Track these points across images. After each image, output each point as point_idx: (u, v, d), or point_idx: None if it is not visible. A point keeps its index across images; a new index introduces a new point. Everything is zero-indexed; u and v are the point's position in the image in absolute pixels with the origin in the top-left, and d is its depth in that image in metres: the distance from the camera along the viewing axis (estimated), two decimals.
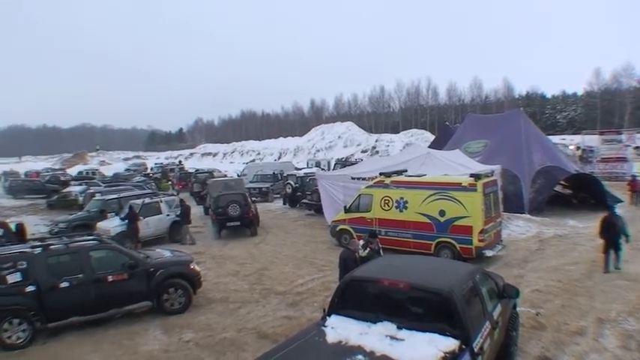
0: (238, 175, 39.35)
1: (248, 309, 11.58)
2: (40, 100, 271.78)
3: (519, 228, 19.62)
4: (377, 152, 67.73)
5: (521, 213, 21.80)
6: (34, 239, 13.44)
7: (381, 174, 17.28)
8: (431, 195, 15.45)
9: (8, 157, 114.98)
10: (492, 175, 16.48)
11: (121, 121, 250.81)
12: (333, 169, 41.25)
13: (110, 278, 10.91)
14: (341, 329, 6.34)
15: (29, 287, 10.27)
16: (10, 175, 54.92)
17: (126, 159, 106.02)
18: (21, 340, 10.15)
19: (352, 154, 66.16)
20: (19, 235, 17.05)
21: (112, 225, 19.27)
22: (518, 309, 8.96)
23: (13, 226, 17.53)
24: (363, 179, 19.68)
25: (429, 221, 15.41)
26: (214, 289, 13.09)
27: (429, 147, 29.98)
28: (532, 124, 30.13)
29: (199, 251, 17.41)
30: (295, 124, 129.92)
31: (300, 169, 40.23)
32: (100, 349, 9.84)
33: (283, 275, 14.36)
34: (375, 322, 6.35)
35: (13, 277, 10.27)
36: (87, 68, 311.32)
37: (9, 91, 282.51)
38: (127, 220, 18.84)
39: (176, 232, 20.30)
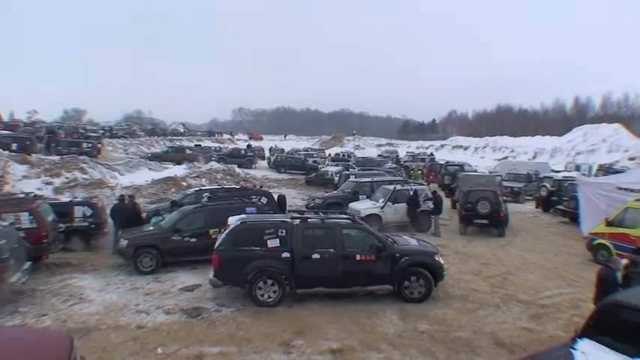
0: (490, 172, 38.28)
1: (487, 312, 11.18)
2: (307, 86, 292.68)
3: None
4: None
5: None
6: (293, 211, 14.56)
7: None
8: None
9: (275, 135, 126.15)
10: None
11: (377, 109, 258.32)
12: (594, 176, 38.03)
13: (358, 257, 11.38)
14: (592, 357, 5.80)
15: (285, 253, 11.20)
16: (276, 151, 60.38)
17: (379, 145, 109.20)
18: (271, 300, 11.14)
19: (617, 161, 59.93)
20: (280, 205, 18.64)
21: (363, 206, 20.15)
22: None
23: (275, 197, 19.24)
24: (632, 191, 17.65)
25: None
26: (454, 285, 12.90)
27: None
28: None
29: (443, 244, 17.27)
30: (555, 122, 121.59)
31: (558, 172, 37.83)
32: (339, 322, 10.31)
33: (528, 284, 13.56)
34: (632, 356, 5.67)
35: (273, 243, 11.28)
36: (350, 58, 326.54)
37: (281, 78, 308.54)
38: (406, 204, 19.98)
39: (422, 221, 20.43)
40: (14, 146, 31.85)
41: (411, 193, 20.46)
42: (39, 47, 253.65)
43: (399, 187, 21.19)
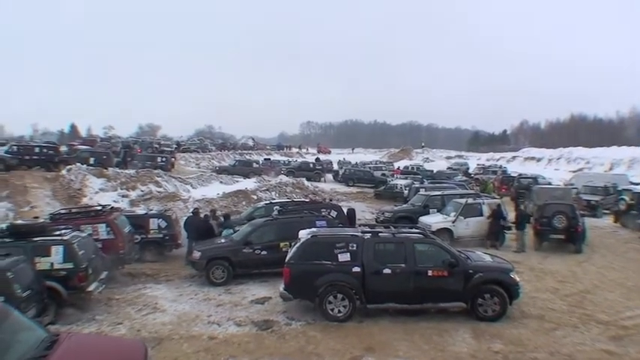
0: (565, 185, 37.06)
1: (564, 332, 10.70)
2: (374, 99, 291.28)
3: None
4: None
5: None
6: (363, 224, 14.50)
7: None
8: None
9: (342, 148, 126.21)
10: None
11: (445, 120, 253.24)
12: None
13: (430, 272, 11.19)
14: None
15: (355, 268, 11.15)
16: (345, 164, 60.58)
17: (448, 157, 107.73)
18: (341, 314, 11.07)
19: None
20: (350, 218, 18.60)
21: (434, 220, 19.89)
22: None
23: (345, 210, 19.22)
24: None
25: None
26: (530, 304, 12.43)
27: None
28: None
29: (517, 260, 16.65)
30: (632, 131, 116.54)
31: (637, 184, 36.17)
32: (410, 339, 10.14)
33: (608, 303, 12.90)
34: None
35: (344, 257, 11.26)
36: (417, 69, 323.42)
37: (348, 90, 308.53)
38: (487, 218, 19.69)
39: (495, 236, 19.89)
40: (92, 160, 33.14)
41: (495, 206, 19.99)
42: (115, 65, 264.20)
43: (470, 200, 20.78)
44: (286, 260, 11.48)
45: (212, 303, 12.59)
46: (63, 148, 40.05)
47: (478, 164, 72.44)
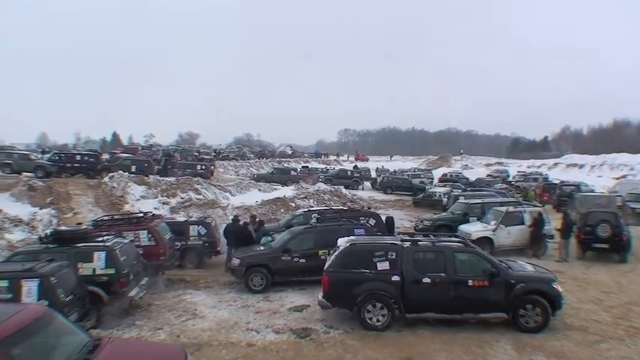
0: (609, 192, 36.21)
1: (609, 345, 10.40)
2: (412, 106, 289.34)
3: None
4: None
5: None
6: (402, 233, 14.38)
7: None
8: None
9: (380, 156, 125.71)
10: None
11: (484, 127, 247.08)
12: None
13: (470, 282, 11.03)
14: None
15: (394, 277, 11.06)
16: (383, 172, 60.35)
17: (488, 164, 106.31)
18: (380, 324, 11.00)
19: None
20: (388, 227, 18.47)
21: (474, 229, 19.61)
22: None
23: (383, 218, 19.11)
24: None
25: None
26: (573, 315, 12.12)
27: None
28: None
29: (559, 270, 16.27)
30: None
31: None
32: (449, 350, 10.01)
33: None
34: None
35: (383, 265, 11.19)
36: (455, 75, 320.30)
37: (387, 99, 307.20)
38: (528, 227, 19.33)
39: (537, 245, 19.51)
40: (133, 168, 33.67)
41: (536, 214, 19.62)
42: (156, 75, 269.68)
43: (511, 208, 20.41)
44: (325, 268, 11.48)
45: (251, 310, 12.64)
46: (105, 156, 40.85)
47: (519, 171, 71.19)
